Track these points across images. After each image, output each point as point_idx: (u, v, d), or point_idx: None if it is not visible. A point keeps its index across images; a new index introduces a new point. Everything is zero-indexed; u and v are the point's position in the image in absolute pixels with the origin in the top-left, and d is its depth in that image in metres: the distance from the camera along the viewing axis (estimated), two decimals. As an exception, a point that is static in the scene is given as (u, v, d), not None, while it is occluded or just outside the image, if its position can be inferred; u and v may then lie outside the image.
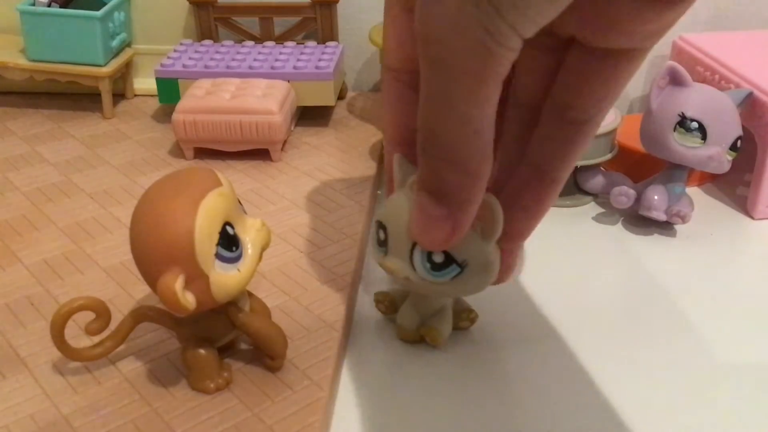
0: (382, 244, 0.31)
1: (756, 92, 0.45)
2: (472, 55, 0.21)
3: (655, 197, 0.43)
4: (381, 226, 0.31)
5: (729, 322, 0.37)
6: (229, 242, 0.28)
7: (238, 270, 0.29)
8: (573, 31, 0.25)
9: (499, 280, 0.32)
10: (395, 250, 0.31)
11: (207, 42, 0.57)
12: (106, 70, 0.54)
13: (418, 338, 0.35)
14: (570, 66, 0.27)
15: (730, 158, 0.43)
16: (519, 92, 0.29)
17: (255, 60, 0.54)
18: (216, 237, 0.28)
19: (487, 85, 0.22)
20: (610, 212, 0.46)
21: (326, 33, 0.58)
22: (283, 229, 0.42)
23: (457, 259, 0.30)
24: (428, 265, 0.30)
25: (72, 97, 0.58)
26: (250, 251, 0.30)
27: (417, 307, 0.35)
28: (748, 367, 0.35)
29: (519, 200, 0.30)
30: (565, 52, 0.27)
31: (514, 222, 0.30)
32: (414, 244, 0.30)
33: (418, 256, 0.30)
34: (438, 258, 0.30)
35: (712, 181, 0.50)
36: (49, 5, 0.54)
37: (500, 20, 0.20)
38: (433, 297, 0.35)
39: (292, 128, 0.53)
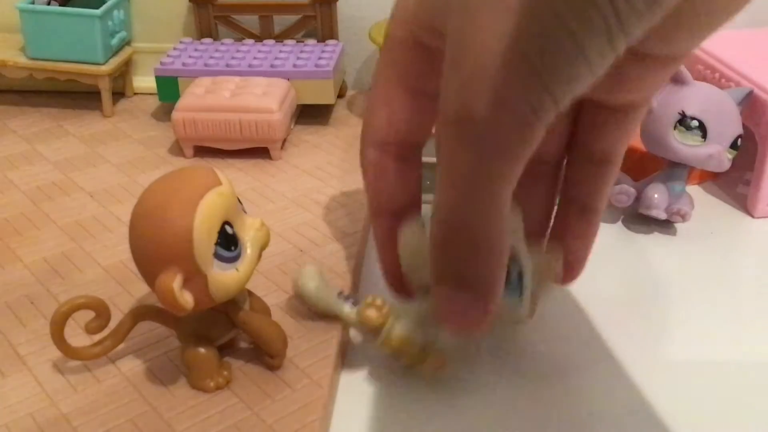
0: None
1: (756, 91, 0.45)
2: (514, 132, 0.21)
3: (656, 196, 0.43)
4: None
5: (729, 321, 0.37)
6: (228, 242, 0.28)
7: (237, 269, 0.29)
8: (587, 94, 0.26)
9: (565, 282, 0.34)
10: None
11: (207, 40, 0.57)
12: (105, 68, 0.54)
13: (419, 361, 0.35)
14: (585, 121, 0.29)
15: (730, 157, 0.43)
16: (542, 151, 0.29)
17: (255, 58, 0.54)
18: (215, 236, 0.28)
19: (522, 160, 0.22)
20: (610, 211, 0.46)
21: (326, 31, 0.58)
22: (282, 228, 0.42)
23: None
24: None
25: (71, 95, 0.58)
26: (249, 251, 0.29)
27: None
28: (748, 366, 0.35)
29: (567, 234, 0.32)
30: (577, 110, 0.29)
31: (575, 258, 0.32)
32: None
33: None
34: None
35: (712, 179, 0.50)
36: (48, 3, 0.54)
37: (546, 95, 0.20)
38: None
39: (292, 127, 0.53)
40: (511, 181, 0.22)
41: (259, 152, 0.49)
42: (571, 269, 0.33)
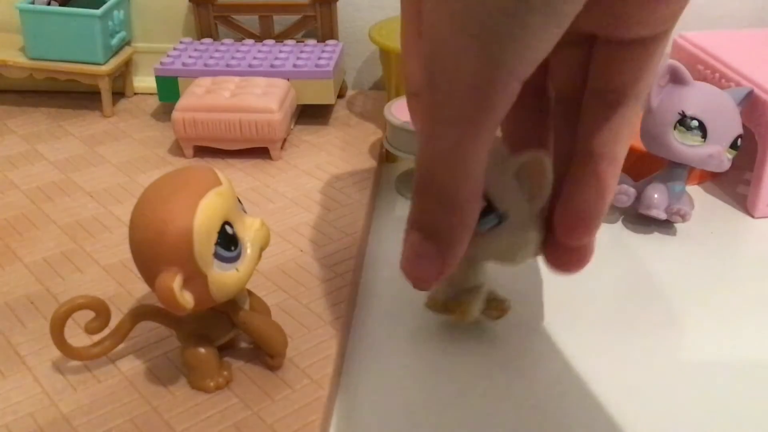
0: None
1: (756, 90, 0.45)
2: (471, 103, 0.22)
3: (655, 196, 0.43)
4: None
5: (729, 321, 0.37)
6: (228, 242, 0.28)
7: (237, 269, 0.29)
8: (592, 29, 0.26)
9: (571, 270, 0.31)
10: None
11: (207, 40, 0.57)
12: (105, 68, 0.54)
13: (443, 311, 0.35)
14: (598, 57, 0.27)
15: (730, 157, 0.43)
16: (558, 87, 0.29)
17: (255, 58, 0.54)
18: (215, 236, 0.28)
19: (487, 132, 0.23)
20: (610, 210, 0.46)
21: (326, 31, 0.58)
22: (282, 228, 0.42)
23: (499, 208, 0.29)
24: None
25: (71, 95, 0.58)
26: (249, 251, 0.29)
27: (452, 279, 0.34)
28: (748, 365, 0.35)
29: (582, 186, 0.29)
30: (592, 44, 0.27)
31: (582, 209, 0.29)
32: None
33: None
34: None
35: (712, 179, 0.50)
36: (48, 3, 0.54)
37: (500, 69, 0.21)
38: (473, 270, 0.34)
39: (292, 127, 0.53)
40: (477, 145, 0.23)
41: (259, 152, 0.49)
42: (581, 237, 0.30)
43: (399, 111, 0.46)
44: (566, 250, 0.31)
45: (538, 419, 0.32)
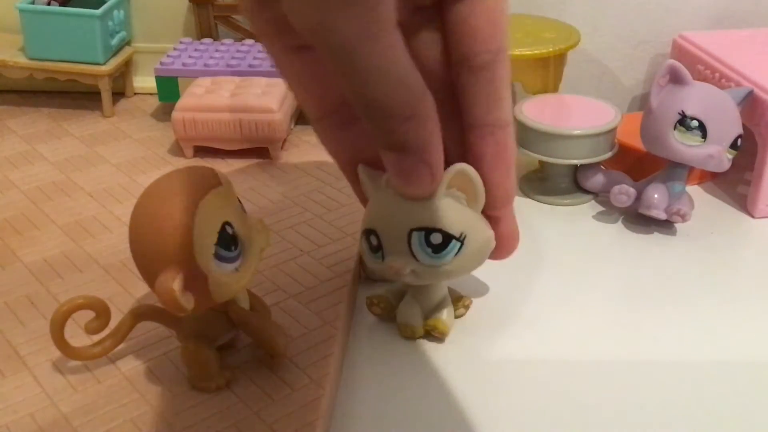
0: (376, 249, 0.31)
1: (756, 90, 0.45)
2: (356, 19, 0.22)
3: (655, 196, 0.43)
4: (371, 232, 0.32)
5: (729, 321, 0.37)
6: (228, 242, 0.28)
7: (237, 270, 0.29)
8: None
9: (508, 250, 0.32)
10: (392, 248, 0.31)
11: (207, 40, 0.57)
12: (105, 68, 0.54)
13: (422, 334, 0.35)
14: (448, 20, 0.27)
15: (730, 157, 0.43)
16: (427, 70, 0.28)
17: (255, 58, 0.54)
18: (215, 236, 0.28)
19: (388, 35, 0.23)
20: (610, 211, 0.46)
21: (326, 31, 0.58)
22: (282, 228, 0.42)
23: (454, 234, 0.30)
24: (429, 250, 0.30)
25: (71, 95, 0.58)
26: (249, 251, 0.29)
27: (419, 302, 0.35)
28: (748, 365, 0.35)
29: (483, 162, 0.30)
30: (438, 16, 0.28)
31: (491, 184, 0.30)
32: (410, 233, 0.30)
33: (417, 245, 0.30)
34: (436, 239, 0.30)
35: (712, 179, 0.50)
36: (48, 3, 0.54)
37: None
38: (436, 286, 0.35)
39: (292, 127, 0.53)
40: (387, 54, 0.24)
41: (259, 152, 0.49)
42: (497, 209, 0.31)
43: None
44: (497, 229, 0.32)
45: (537, 419, 0.32)
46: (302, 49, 0.29)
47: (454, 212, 0.30)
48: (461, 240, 0.30)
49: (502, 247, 0.33)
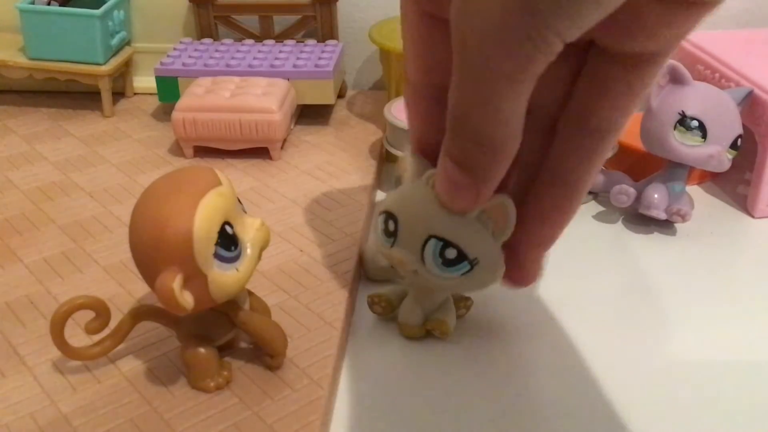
0: (391, 234, 0.31)
1: (756, 91, 0.45)
2: (510, 60, 0.21)
3: (655, 196, 0.43)
4: (391, 216, 0.31)
5: (728, 321, 0.37)
6: (228, 242, 0.28)
7: (237, 269, 0.29)
8: (595, 36, 0.25)
9: (523, 284, 0.32)
10: (405, 242, 0.31)
11: (207, 40, 0.57)
12: (105, 68, 0.54)
13: (423, 334, 0.35)
14: (590, 73, 0.26)
15: (730, 157, 0.43)
16: (536, 101, 0.27)
17: (255, 58, 0.54)
18: (215, 236, 0.28)
19: (522, 85, 0.22)
20: (610, 211, 0.46)
21: (326, 31, 0.58)
22: (282, 228, 0.42)
23: (469, 256, 0.30)
24: (440, 260, 0.30)
25: (71, 95, 0.58)
26: (249, 251, 0.29)
27: (420, 302, 0.35)
28: (747, 366, 0.35)
29: (541, 209, 0.29)
30: (582, 60, 0.26)
31: (537, 231, 0.30)
32: (429, 237, 0.30)
33: (430, 251, 0.30)
34: (451, 254, 0.30)
35: (712, 179, 0.50)
36: (48, 3, 0.54)
37: (546, 29, 0.20)
38: (436, 290, 0.35)
39: (292, 127, 0.53)
40: (512, 101, 0.23)
41: (259, 152, 0.49)
42: (532, 252, 0.31)
43: (399, 111, 0.46)
44: (522, 265, 0.31)
45: (538, 419, 0.32)
46: (433, 17, 0.27)
47: (478, 236, 0.29)
48: (472, 263, 0.30)
49: (521, 279, 0.32)
